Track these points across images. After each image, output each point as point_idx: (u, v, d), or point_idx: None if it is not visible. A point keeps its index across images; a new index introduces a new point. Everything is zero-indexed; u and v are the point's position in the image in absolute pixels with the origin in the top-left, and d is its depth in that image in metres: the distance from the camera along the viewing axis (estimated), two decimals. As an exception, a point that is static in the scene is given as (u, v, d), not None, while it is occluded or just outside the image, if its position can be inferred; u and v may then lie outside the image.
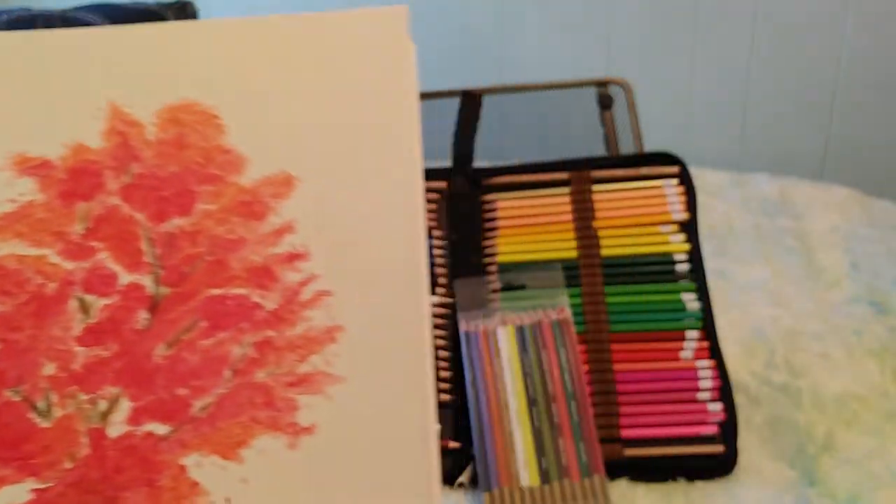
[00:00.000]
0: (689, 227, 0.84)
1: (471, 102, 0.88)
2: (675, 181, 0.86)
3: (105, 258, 0.42)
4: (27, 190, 0.44)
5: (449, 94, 0.93)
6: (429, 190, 0.88)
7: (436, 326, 0.82)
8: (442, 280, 0.84)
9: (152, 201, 0.43)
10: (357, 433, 0.40)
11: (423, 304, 0.42)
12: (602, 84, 0.96)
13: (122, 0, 1.33)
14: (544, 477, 0.73)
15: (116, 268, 0.42)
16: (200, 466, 0.40)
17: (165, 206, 0.43)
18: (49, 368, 0.41)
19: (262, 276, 0.43)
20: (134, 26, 0.45)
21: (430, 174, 0.89)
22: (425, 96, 0.99)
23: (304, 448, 0.40)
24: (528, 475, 0.74)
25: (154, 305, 0.42)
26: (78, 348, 0.42)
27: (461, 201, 0.88)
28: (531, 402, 0.77)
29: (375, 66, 0.44)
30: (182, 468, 0.40)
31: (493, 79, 1.49)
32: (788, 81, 1.45)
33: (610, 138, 0.95)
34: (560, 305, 0.81)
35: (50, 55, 0.45)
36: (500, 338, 0.80)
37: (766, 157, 1.48)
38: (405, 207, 0.43)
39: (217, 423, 0.40)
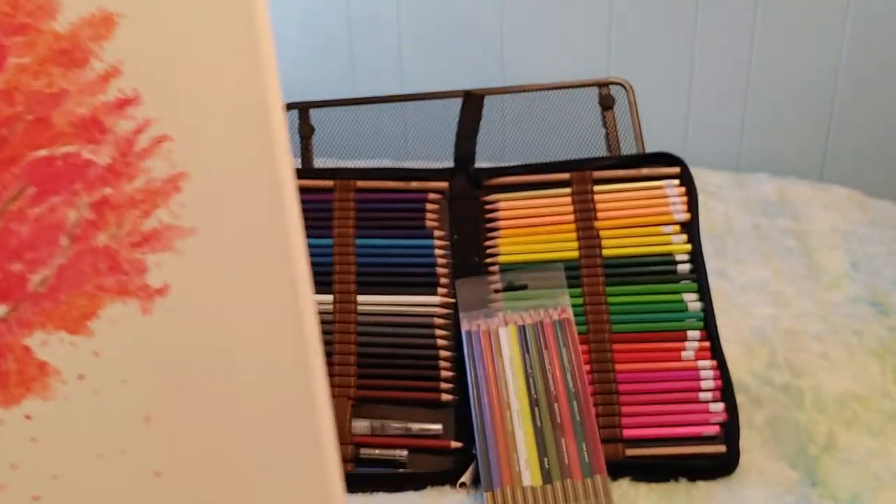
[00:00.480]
0: (690, 228, 0.84)
1: (472, 103, 0.88)
2: (676, 182, 0.86)
3: None
4: None
5: (451, 94, 0.93)
6: (431, 191, 0.88)
7: (437, 326, 0.82)
8: (444, 280, 0.84)
9: None
10: (215, 289, 0.37)
11: (276, 133, 0.38)
12: (603, 85, 0.96)
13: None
14: (546, 477, 0.73)
15: None
16: (46, 345, 0.37)
17: None
18: None
19: (91, 128, 0.38)
20: None
21: (432, 175, 0.89)
22: (427, 97, 0.99)
23: (159, 311, 0.37)
24: (530, 475, 0.74)
25: None
26: None
27: (463, 202, 0.88)
28: (533, 402, 0.77)
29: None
30: (26, 349, 0.36)
31: (494, 80, 1.49)
32: (789, 82, 1.45)
33: (611, 139, 0.95)
34: (562, 305, 0.81)
35: None
36: (502, 338, 0.80)
37: (767, 157, 1.48)
38: (246, 30, 0.39)
39: (59, 295, 0.37)
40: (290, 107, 0.96)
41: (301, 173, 0.90)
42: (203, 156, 0.38)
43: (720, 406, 0.77)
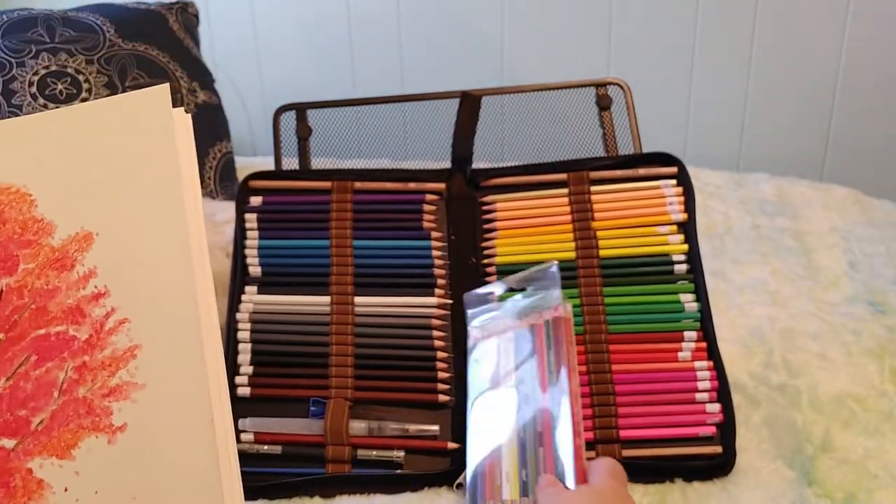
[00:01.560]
0: (688, 228, 0.84)
1: (470, 104, 0.88)
2: (673, 182, 0.86)
3: None
4: None
5: (448, 95, 0.93)
6: (428, 192, 0.88)
7: (434, 328, 0.82)
8: (441, 281, 0.84)
9: None
10: (157, 427, 0.52)
11: (193, 319, 0.54)
12: (600, 85, 0.96)
13: (124, 0, 1.33)
14: (524, 489, 0.68)
15: None
16: (42, 467, 0.51)
17: None
18: None
19: (75, 314, 0.54)
20: None
21: (430, 175, 0.89)
22: (425, 97, 0.99)
23: (120, 443, 0.52)
24: (509, 488, 0.68)
25: None
26: None
27: (460, 202, 0.88)
28: (519, 409, 0.72)
29: (144, 138, 0.57)
30: (29, 470, 0.51)
31: (493, 80, 1.49)
32: (788, 82, 1.45)
33: (608, 139, 0.95)
34: (556, 303, 0.75)
35: None
36: (505, 341, 0.76)
37: (765, 157, 1.48)
38: (177, 246, 0.55)
39: (52, 432, 0.52)
40: (288, 107, 0.96)
41: (299, 174, 0.91)
42: (152, 333, 0.53)
43: (716, 407, 0.77)
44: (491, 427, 0.73)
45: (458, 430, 0.78)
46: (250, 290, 0.84)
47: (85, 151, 0.58)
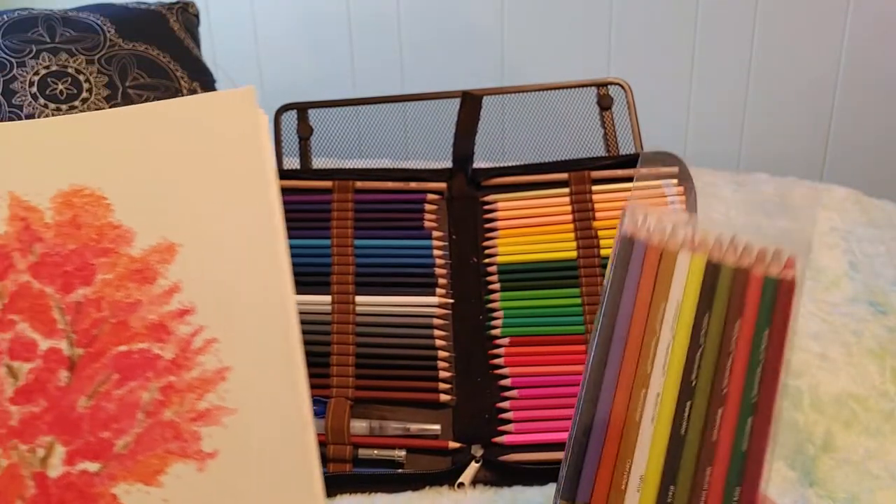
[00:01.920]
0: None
1: (471, 103, 0.88)
2: (674, 181, 0.86)
3: (24, 328, 0.51)
4: None
5: (449, 95, 0.93)
6: (429, 191, 0.88)
7: (436, 327, 0.82)
8: (442, 281, 0.84)
9: (58, 276, 0.51)
10: (250, 453, 0.49)
11: (293, 338, 0.50)
12: (601, 85, 0.96)
13: (124, 0, 1.33)
14: None
15: (35, 336, 0.51)
16: (129, 493, 0.49)
17: (70, 279, 0.51)
18: None
19: (159, 331, 0.51)
20: (24, 123, 0.54)
21: (431, 175, 0.89)
22: (426, 97, 0.99)
23: (210, 470, 0.49)
24: (638, 501, 0.52)
25: (72, 365, 0.50)
26: (12, 407, 0.50)
27: (461, 202, 0.88)
28: (687, 392, 0.53)
29: (231, 142, 0.53)
30: (114, 496, 0.49)
31: (494, 80, 1.49)
32: (788, 82, 1.45)
33: (609, 139, 0.95)
34: (789, 254, 0.54)
35: None
36: (680, 266, 0.54)
37: (766, 157, 1.48)
38: (269, 259, 0.51)
39: (137, 456, 0.49)
40: (288, 107, 0.96)
41: (300, 174, 0.91)
42: (242, 353, 0.50)
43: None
44: (623, 388, 0.53)
45: (460, 429, 0.78)
46: (251, 289, 0.84)
47: (165, 154, 0.53)
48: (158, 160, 0.53)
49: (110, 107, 1.15)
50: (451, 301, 0.83)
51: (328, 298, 0.83)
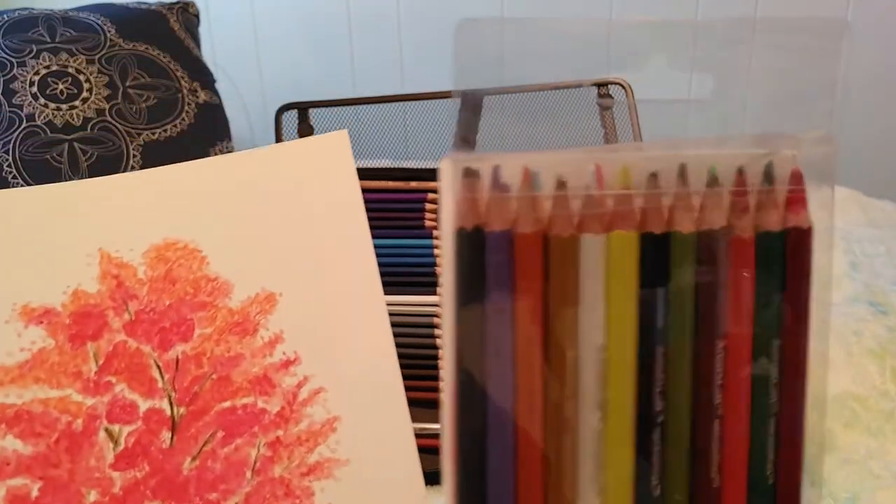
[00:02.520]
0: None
1: (471, 103, 0.88)
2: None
3: (122, 390, 0.48)
4: (37, 338, 0.49)
5: (449, 94, 0.94)
6: (429, 190, 0.88)
7: (437, 326, 0.82)
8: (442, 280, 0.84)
9: (155, 333, 0.49)
10: None
11: (397, 381, 0.51)
12: (602, 84, 0.96)
13: (125, 0, 1.33)
14: None
15: (134, 397, 0.48)
16: None
17: (168, 336, 0.49)
18: (92, 496, 0.46)
19: (263, 384, 0.49)
20: (113, 178, 0.52)
21: (431, 174, 0.89)
22: (426, 97, 0.99)
23: None
24: None
25: (174, 425, 0.48)
26: (114, 474, 0.47)
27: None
28: (646, 427, 0.35)
29: (326, 186, 0.53)
30: None
31: (492, 79, 1.49)
32: (788, 81, 1.45)
33: (610, 139, 0.95)
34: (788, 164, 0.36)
35: (43, 210, 0.50)
36: (592, 255, 0.35)
37: (766, 157, 1.48)
38: (369, 302, 0.51)
39: None
40: (289, 107, 0.96)
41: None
42: (350, 402, 0.49)
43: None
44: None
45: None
46: (252, 289, 0.84)
47: (260, 201, 0.51)
48: (253, 208, 0.52)
49: (110, 106, 1.15)
50: (452, 301, 0.83)
51: (329, 298, 0.83)
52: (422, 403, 0.80)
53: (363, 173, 0.89)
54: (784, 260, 0.37)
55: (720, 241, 0.35)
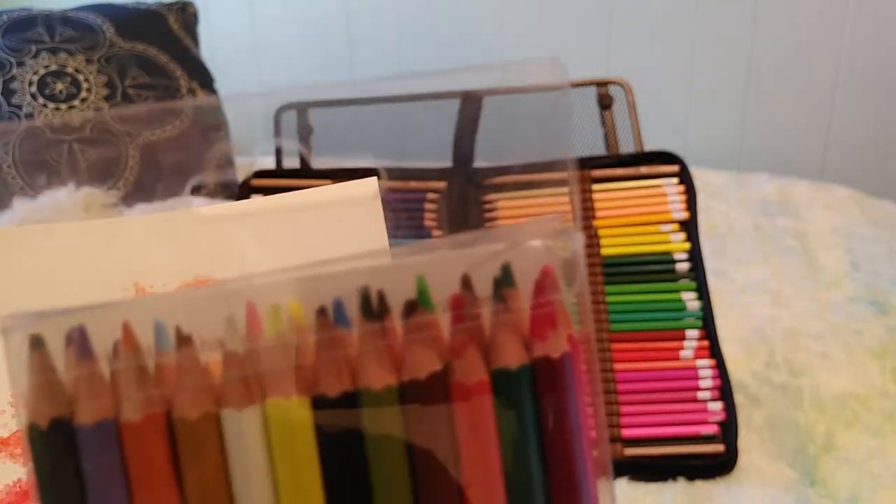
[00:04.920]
0: (690, 226, 0.84)
1: (471, 103, 0.88)
2: (674, 180, 0.86)
3: None
4: None
5: (449, 94, 0.93)
6: (429, 190, 0.88)
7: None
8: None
9: None
10: None
11: None
12: (602, 84, 0.96)
13: (123, 0, 1.33)
14: None
15: None
16: None
17: None
18: None
19: None
20: (151, 217, 0.53)
21: (431, 174, 0.89)
22: (426, 97, 0.99)
23: None
24: None
25: None
26: None
27: (461, 201, 0.88)
28: None
29: (356, 230, 0.52)
30: None
31: (492, 79, 1.49)
32: (788, 81, 1.45)
33: (610, 138, 0.94)
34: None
35: (82, 244, 0.51)
36: (245, 439, 0.26)
37: (766, 157, 1.48)
38: None
39: None
40: (288, 107, 0.96)
41: (300, 173, 0.90)
42: None
43: (719, 405, 0.77)
44: None
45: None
46: (251, 288, 0.84)
47: (292, 242, 0.52)
48: (283, 250, 0.52)
49: (109, 106, 1.15)
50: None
51: (328, 297, 0.83)
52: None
53: (362, 173, 0.89)
54: (535, 398, 0.27)
55: (435, 391, 0.26)
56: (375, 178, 0.52)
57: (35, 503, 0.24)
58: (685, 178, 0.86)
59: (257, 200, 0.52)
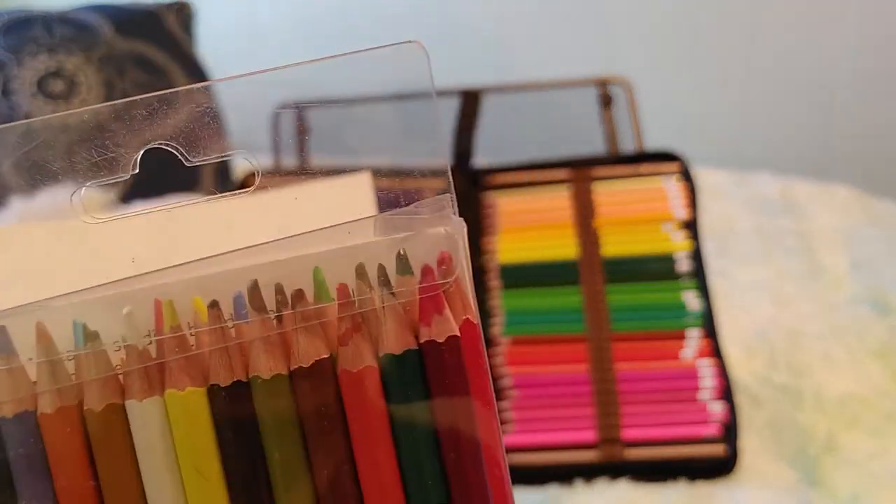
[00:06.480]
0: (691, 226, 0.84)
1: (470, 101, 0.88)
2: (675, 179, 0.86)
3: None
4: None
5: (448, 92, 0.93)
6: (427, 189, 0.87)
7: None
8: (441, 279, 0.83)
9: None
10: None
11: None
12: (602, 82, 0.95)
13: (121, 0, 1.32)
14: None
15: None
16: None
17: None
18: None
19: None
20: (142, 215, 0.52)
21: (430, 173, 0.88)
22: (425, 96, 0.99)
23: None
24: None
25: None
26: None
27: (461, 200, 0.87)
28: None
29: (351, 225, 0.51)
30: None
31: (492, 77, 1.49)
32: (790, 80, 1.45)
33: (610, 137, 0.94)
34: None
35: (81, 243, 0.50)
36: (147, 428, 0.28)
37: (768, 156, 1.48)
38: None
39: None
40: (287, 106, 0.96)
41: (297, 173, 0.90)
42: None
43: (720, 406, 0.77)
44: None
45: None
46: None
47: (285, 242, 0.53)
48: (278, 250, 0.53)
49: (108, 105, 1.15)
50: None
51: (327, 297, 0.82)
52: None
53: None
54: (427, 390, 0.28)
55: (323, 378, 0.27)
56: (368, 172, 0.53)
57: None
58: (686, 177, 0.86)
59: (247, 197, 0.53)
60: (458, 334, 0.28)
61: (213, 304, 0.27)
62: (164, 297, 0.27)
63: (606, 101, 0.95)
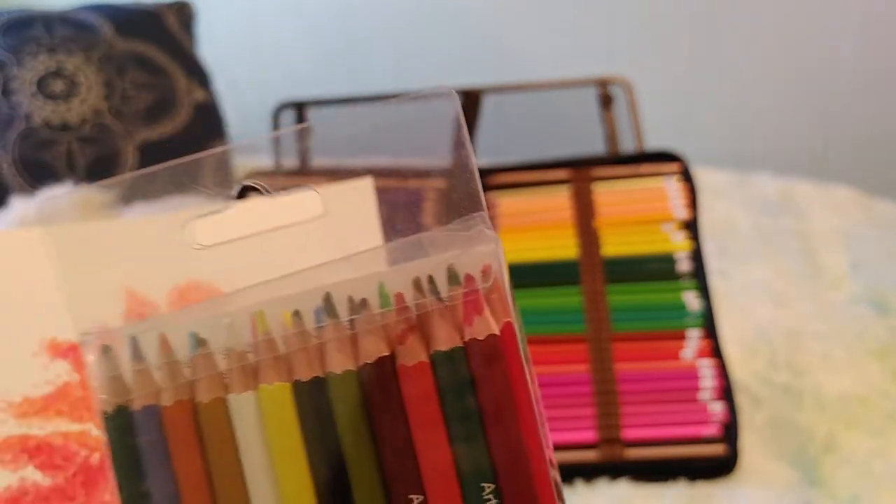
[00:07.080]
0: (691, 226, 0.84)
1: (470, 101, 0.88)
2: (675, 179, 0.86)
3: None
4: (63, 371, 0.50)
5: (448, 92, 0.93)
6: (428, 189, 0.87)
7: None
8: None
9: None
10: None
11: None
12: (602, 82, 0.95)
13: (122, 0, 1.32)
14: None
15: None
16: None
17: None
18: None
19: None
20: (140, 219, 0.52)
21: (430, 173, 0.88)
22: (425, 95, 0.99)
23: None
24: None
25: None
26: None
27: (461, 200, 0.87)
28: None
29: (350, 230, 0.51)
30: None
31: (492, 77, 1.49)
32: (789, 80, 1.45)
33: (610, 137, 0.94)
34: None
35: (71, 248, 0.50)
36: (245, 417, 0.33)
37: (768, 156, 1.48)
38: None
39: None
40: (288, 105, 0.96)
41: (298, 173, 0.90)
42: None
43: (720, 406, 0.77)
44: None
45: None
46: (249, 288, 0.84)
47: (284, 243, 0.53)
48: (279, 250, 0.53)
49: (108, 105, 1.15)
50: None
51: (327, 297, 0.83)
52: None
53: (361, 172, 0.89)
54: (472, 380, 0.33)
55: (384, 373, 0.32)
56: (370, 177, 0.54)
57: (109, 471, 0.32)
58: (686, 177, 0.86)
59: (251, 201, 0.54)
60: (497, 333, 0.33)
61: (296, 313, 0.33)
62: (256, 308, 0.33)
63: (606, 101, 0.95)
